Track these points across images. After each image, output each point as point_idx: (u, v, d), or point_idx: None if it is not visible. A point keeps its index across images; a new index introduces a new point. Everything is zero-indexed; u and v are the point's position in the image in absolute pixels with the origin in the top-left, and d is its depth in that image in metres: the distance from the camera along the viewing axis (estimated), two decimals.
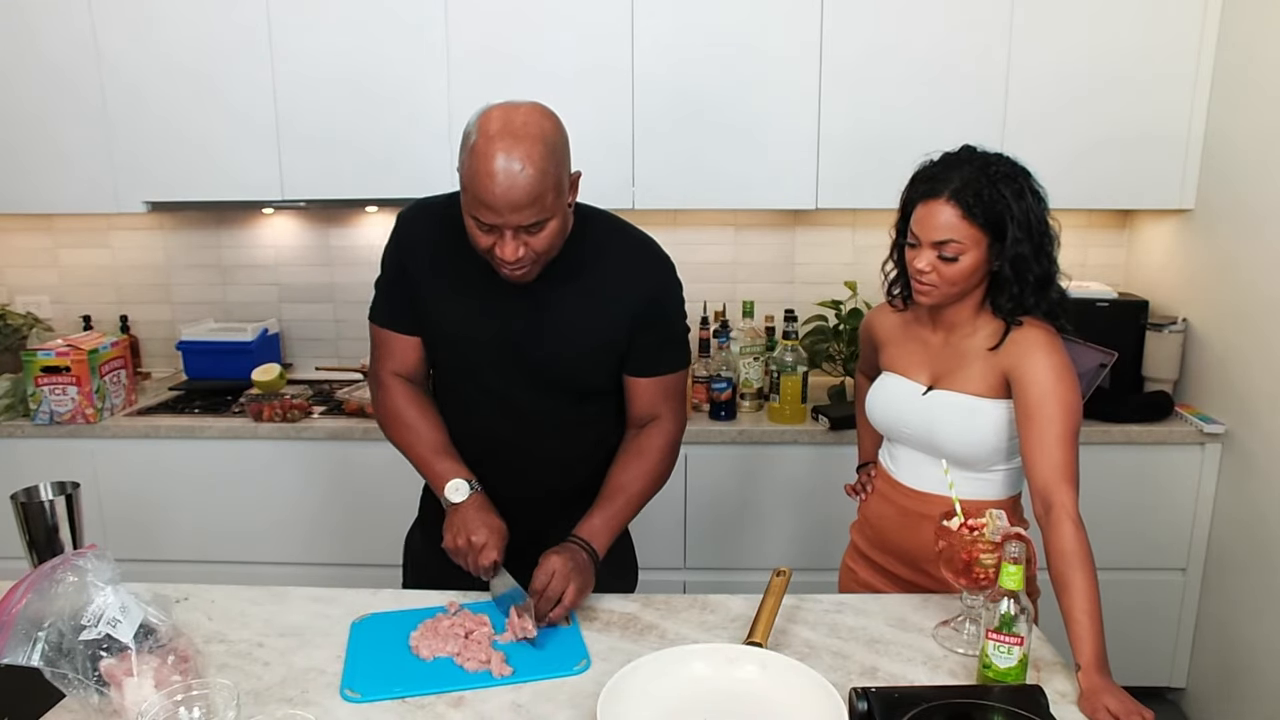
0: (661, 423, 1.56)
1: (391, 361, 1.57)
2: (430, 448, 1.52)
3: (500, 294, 1.43)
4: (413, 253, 1.50)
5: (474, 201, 1.30)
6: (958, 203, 1.42)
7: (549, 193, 1.30)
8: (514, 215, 1.28)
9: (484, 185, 1.27)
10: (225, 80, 2.57)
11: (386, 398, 1.57)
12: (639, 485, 1.52)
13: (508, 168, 1.26)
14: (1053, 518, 1.36)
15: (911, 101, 2.51)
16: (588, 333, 1.47)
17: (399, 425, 1.55)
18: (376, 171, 2.59)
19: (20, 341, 2.69)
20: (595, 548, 1.45)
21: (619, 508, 1.50)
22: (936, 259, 1.45)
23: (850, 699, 1.16)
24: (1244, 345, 2.36)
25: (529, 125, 1.28)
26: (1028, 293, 1.46)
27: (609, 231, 1.51)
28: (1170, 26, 2.45)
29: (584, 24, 2.50)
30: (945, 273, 1.45)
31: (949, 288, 1.47)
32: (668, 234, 1.54)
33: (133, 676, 1.13)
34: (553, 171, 1.30)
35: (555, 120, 1.34)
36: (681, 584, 2.59)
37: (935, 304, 1.51)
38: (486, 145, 1.27)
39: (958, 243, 1.43)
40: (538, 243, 1.33)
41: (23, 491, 1.43)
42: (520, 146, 1.26)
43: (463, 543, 1.42)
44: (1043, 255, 1.46)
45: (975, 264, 1.45)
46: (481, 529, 1.42)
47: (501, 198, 1.27)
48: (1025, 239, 1.43)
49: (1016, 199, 1.42)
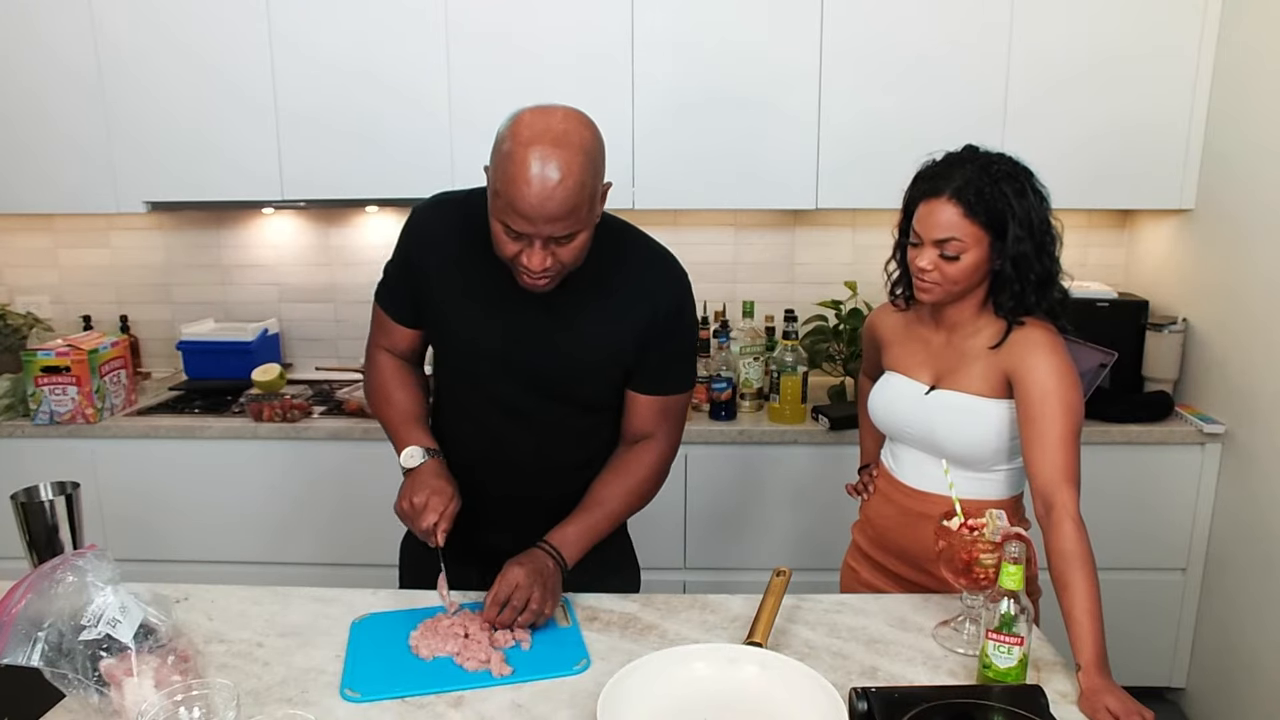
0: (655, 442, 1.53)
1: (386, 341, 1.58)
2: (401, 416, 1.52)
3: (512, 299, 1.40)
4: (427, 249, 1.47)
5: (506, 208, 1.25)
6: (959, 201, 1.42)
7: (585, 205, 1.25)
8: (547, 226, 1.24)
9: (519, 193, 1.22)
10: (225, 72, 2.57)
11: (373, 371, 1.58)
12: (619, 502, 1.50)
13: (544, 176, 1.21)
14: (1053, 518, 1.36)
15: (911, 102, 2.51)
16: (596, 346, 1.44)
17: (379, 398, 1.56)
18: (376, 160, 2.59)
19: (20, 341, 2.69)
20: (565, 556, 1.42)
21: (596, 520, 1.47)
22: (938, 257, 1.45)
23: (850, 699, 1.16)
24: (1244, 345, 2.36)
25: (569, 134, 1.23)
26: (1029, 291, 1.46)
27: (629, 243, 1.47)
28: (1170, 27, 2.45)
29: (584, 25, 2.50)
30: (947, 271, 1.45)
31: (951, 286, 1.47)
32: (668, 234, 1.53)
33: (133, 676, 1.13)
34: (590, 183, 1.25)
35: (594, 129, 1.29)
36: (681, 584, 2.59)
37: (937, 302, 1.51)
38: (523, 151, 1.21)
39: (959, 241, 1.43)
40: (566, 254, 1.30)
41: (23, 491, 1.43)
42: (559, 155, 1.21)
43: (406, 506, 1.41)
44: (1044, 254, 1.46)
45: (977, 262, 1.45)
46: (425, 491, 1.40)
47: (537, 207, 1.22)
48: (1027, 238, 1.43)
49: (1018, 198, 1.42)
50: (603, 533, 1.49)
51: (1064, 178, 1.58)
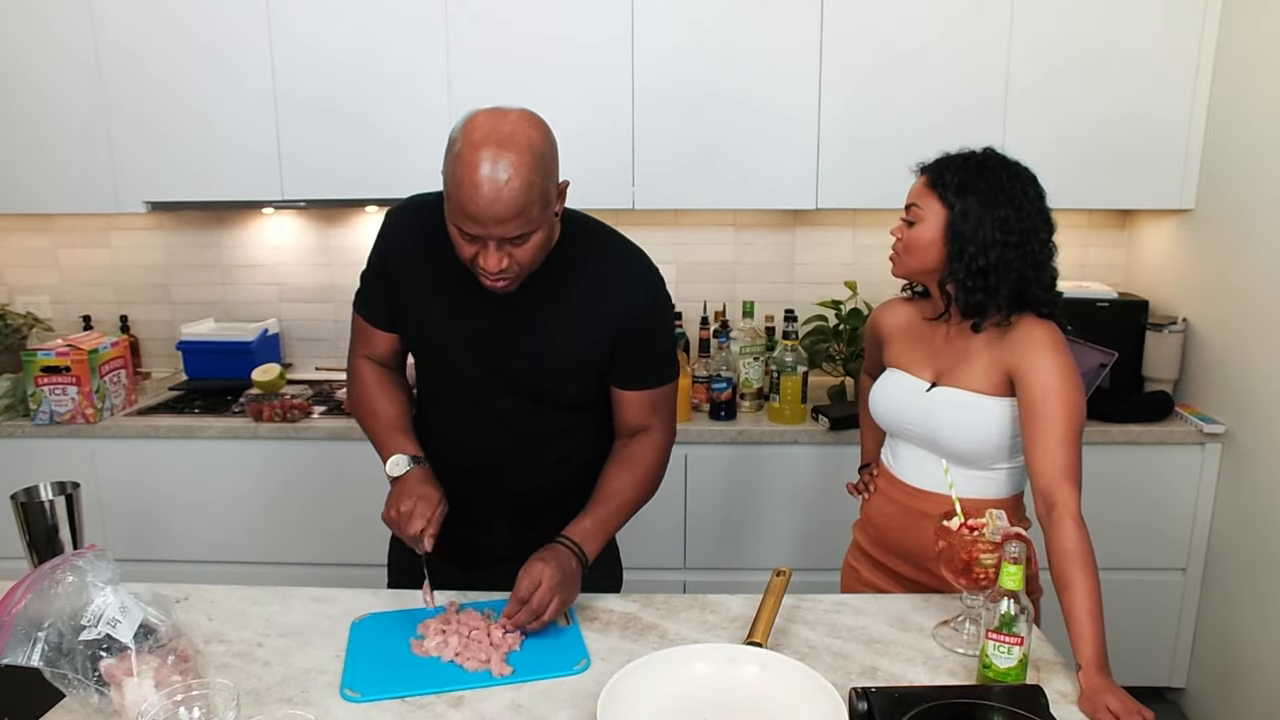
0: (652, 433, 1.54)
1: (366, 349, 1.58)
2: (385, 424, 1.53)
3: (481, 300, 1.40)
4: (398, 252, 1.48)
5: (457, 211, 1.26)
6: (929, 174, 1.50)
7: (535, 205, 1.25)
8: (498, 227, 1.25)
9: (468, 195, 1.23)
10: (225, 70, 2.57)
11: (355, 381, 1.59)
12: (631, 493, 1.50)
13: (493, 178, 1.21)
14: (1054, 517, 1.36)
15: (912, 103, 2.51)
16: (566, 345, 1.44)
17: (363, 408, 1.57)
18: (376, 158, 2.59)
19: (20, 341, 2.69)
20: (586, 552, 1.43)
21: (611, 512, 1.48)
22: (904, 224, 1.52)
23: (850, 699, 1.16)
24: (1244, 345, 2.36)
25: (516, 134, 1.24)
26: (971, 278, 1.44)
27: (597, 242, 1.47)
28: (1170, 28, 2.45)
29: (584, 24, 2.50)
30: (905, 238, 1.51)
31: (908, 256, 1.52)
32: (668, 234, 1.54)
33: (133, 676, 1.13)
34: (539, 183, 1.25)
35: (544, 129, 1.29)
36: (681, 584, 2.59)
37: (902, 277, 1.58)
38: (472, 153, 1.22)
39: (918, 208, 1.49)
40: (521, 254, 1.30)
41: (23, 491, 1.43)
42: (507, 156, 1.22)
43: (393, 513, 1.42)
44: (1024, 255, 1.44)
45: (932, 236, 1.47)
46: (411, 498, 1.41)
47: (486, 209, 1.23)
48: (981, 219, 1.42)
49: (989, 183, 1.44)
50: (616, 525, 1.50)
51: (1064, 177, 1.59)
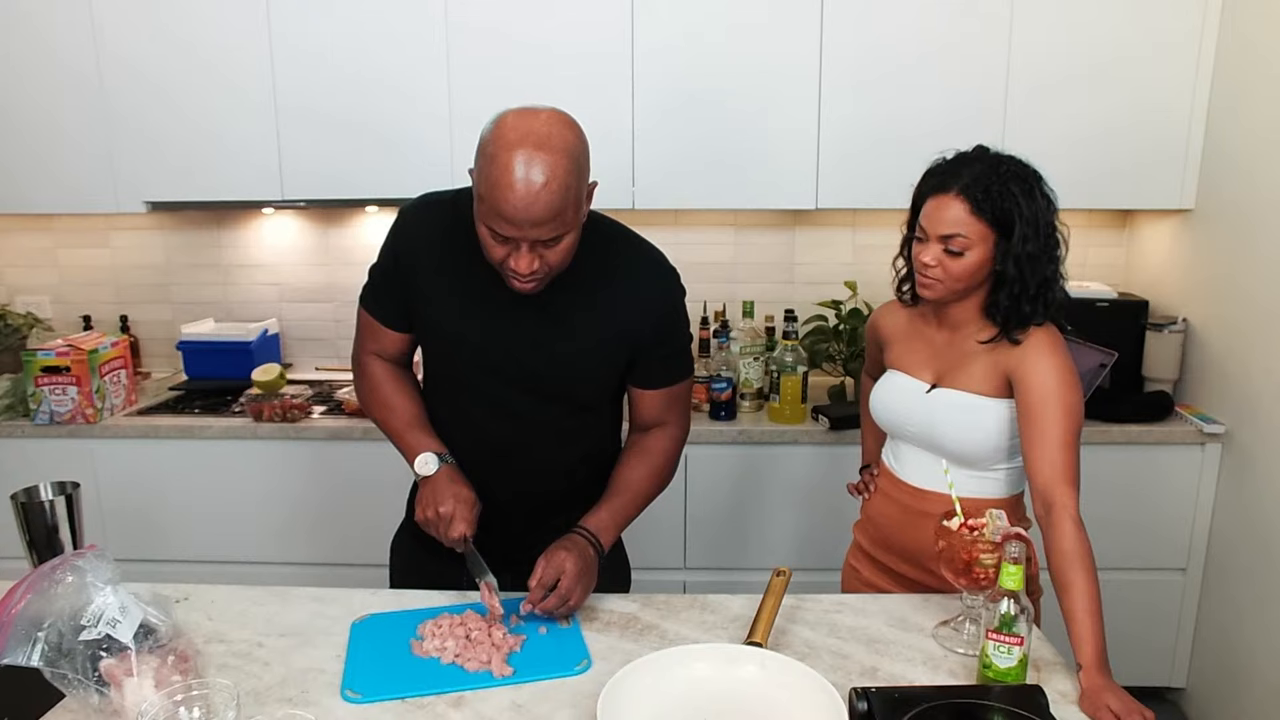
0: (668, 427, 1.55)
1: (374, 345, 1.57)
2: (404, 422, 1.52)
3: (502, 300, 1.40)
4: (414, 250, 1.47)
5: (490, 213, 1.25)
6: (967, 198, 1.42)
7: (570, 208, 1.25)
8: (533, 230, 1.24)
9: (503, 197, 1.21)
10: (225, 70, 2.57)
11: (365, 378, 1.57)
12: (646, 485, 1.52)
13: (528, 180, 1.21)
14: (1053, 517, 1.36)
15: (911, 102, 2.51)
16: (587, 347, 1.44)
17: (376, 403, 1.56)
18: (376, 158, 2.59)
19: (20, 341, 2.69)
20: (602, 542, 1.44)
21: (626, 503, 1.49)
22: (942, 253, 1.45)
23: (850, 699, 1.16)
24: (1244, 345, 2.36)
25: (552, 136, 1.23)
26: (1026, 298, 1.45)
27: (619, 244, 1.47)
28: (1170, 27, 2.45)
29: (585, 24, 2.50)
30: (950, 268, 1.45)
31: (953, 283, 1.47)
32: (668, 234, 1.54)
33: (133, 676, 1.13)
34: (575, 186, 1.25)
35: (577, 129, 1.29)
36: (681, 584, 2.59)
37: (938, 299, 1.51)
38: (507, 155, 1.21)
39: (964, 237, 1.43)
40: (553, 256, 1.30)
41: (23, 491, 1.43)
42: (543, 158, 1.21)
43: (431, 514, 1.41)
44: (1048, 258, 1.45)
45: (980, 260, 1.44)
46: (449, 499, 1.40)
47: (522, 211, 1.22)
48: (1033, 238, 1.43)
49: (1026, 198, 1.42)
50: (631, 517, 1.51)
51: (1064, 178, 1.58)
